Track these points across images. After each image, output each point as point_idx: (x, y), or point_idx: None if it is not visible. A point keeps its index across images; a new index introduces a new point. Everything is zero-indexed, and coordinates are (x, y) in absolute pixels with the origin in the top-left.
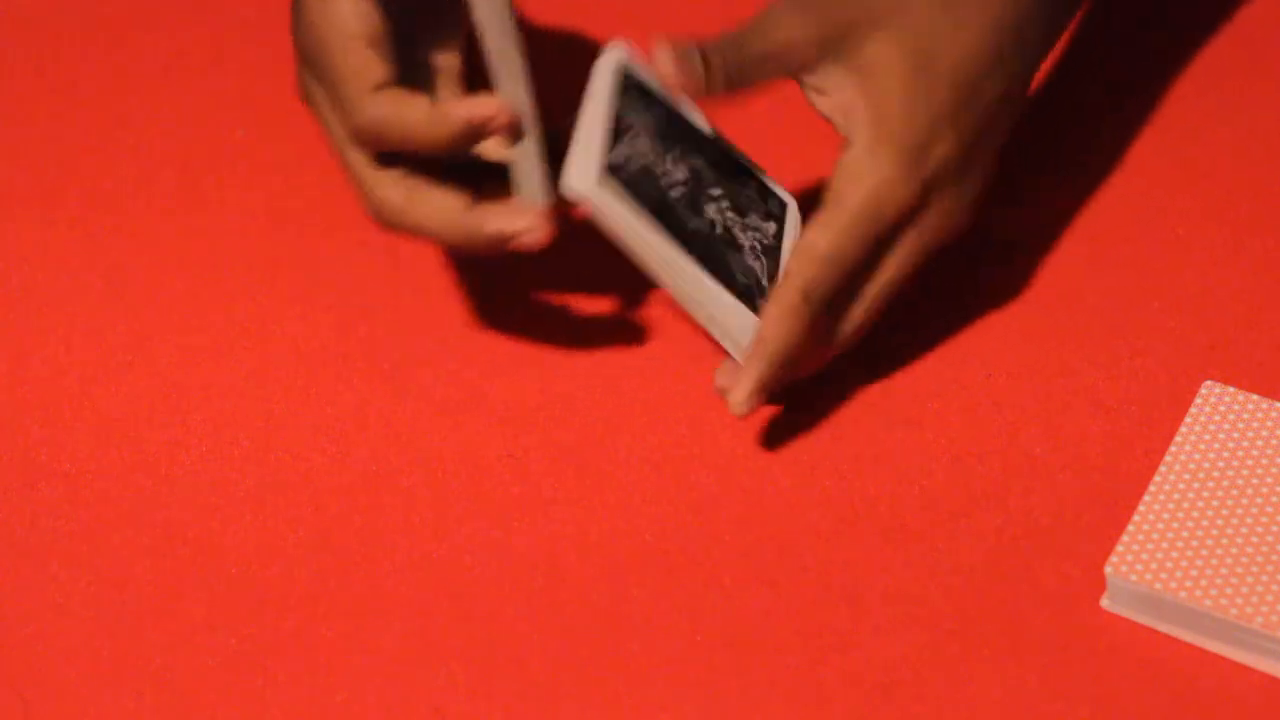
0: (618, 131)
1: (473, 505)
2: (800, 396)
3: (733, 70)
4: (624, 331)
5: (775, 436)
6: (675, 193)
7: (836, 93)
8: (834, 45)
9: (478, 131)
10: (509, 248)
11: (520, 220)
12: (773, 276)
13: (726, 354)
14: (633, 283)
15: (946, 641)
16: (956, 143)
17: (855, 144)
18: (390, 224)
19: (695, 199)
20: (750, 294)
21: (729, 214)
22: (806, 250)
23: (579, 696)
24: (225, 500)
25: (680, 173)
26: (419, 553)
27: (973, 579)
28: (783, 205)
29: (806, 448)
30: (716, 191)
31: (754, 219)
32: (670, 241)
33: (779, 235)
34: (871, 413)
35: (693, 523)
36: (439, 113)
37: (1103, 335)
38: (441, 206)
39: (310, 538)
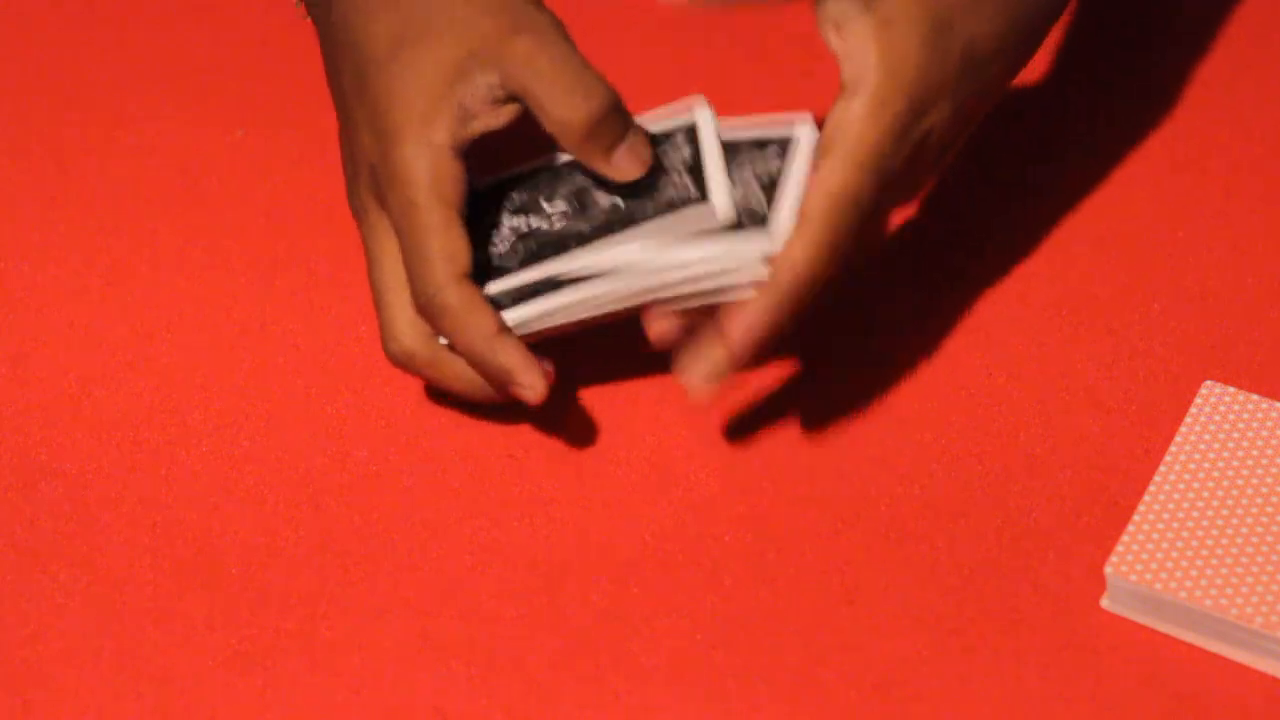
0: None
1: (473, 505)
2: (799, 396)
3: None
4: (624, 331)
5: (775, 436)
6: (558, 223)
7: (852, 33)
8: None
9: (504, 386)
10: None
11: (528, 375)
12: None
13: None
14: None
15: (946, 641)
16: (950, 115)
17: (862, 90)
18: (408, 369)
19: (584, 204)
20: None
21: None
22: (821, 185)
23: (579, 696)
24: (225, 500)
25: (560, 205)
26: (419, 553)
27: (973, 579)
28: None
29: (806, 448)
30: (603, 192)
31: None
32: (590, 251)
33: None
34: (871, 413)
35: (693, 523)
36: (498, 343)
37: (1103, 335)
38: (463, 372)
39: (310, 538)
